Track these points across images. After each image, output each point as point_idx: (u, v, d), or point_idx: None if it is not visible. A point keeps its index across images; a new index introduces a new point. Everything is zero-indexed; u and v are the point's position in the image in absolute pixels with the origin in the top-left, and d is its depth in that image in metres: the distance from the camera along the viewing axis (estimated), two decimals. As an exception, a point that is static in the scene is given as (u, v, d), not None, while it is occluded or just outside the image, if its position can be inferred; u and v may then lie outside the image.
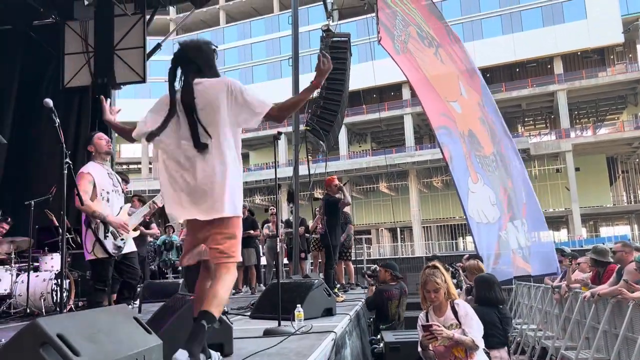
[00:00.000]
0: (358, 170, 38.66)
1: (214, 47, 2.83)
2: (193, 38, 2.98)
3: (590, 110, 42.68)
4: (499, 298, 4.76)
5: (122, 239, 3.98)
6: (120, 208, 4.06)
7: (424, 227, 40.17)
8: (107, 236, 3.83)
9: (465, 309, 3.50)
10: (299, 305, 3.90)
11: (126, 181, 5.54)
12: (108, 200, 3.95)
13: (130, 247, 4.09)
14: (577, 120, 42.81)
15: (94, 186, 3.88)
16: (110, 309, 2.69)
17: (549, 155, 37.28)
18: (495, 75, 41.32)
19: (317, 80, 2.71)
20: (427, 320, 3.57)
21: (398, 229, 42.37)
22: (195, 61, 2.72)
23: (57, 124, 3.17)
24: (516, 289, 11.87)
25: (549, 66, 39.48)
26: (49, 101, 3.20)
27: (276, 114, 2.68)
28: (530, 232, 9.54)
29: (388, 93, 42.60)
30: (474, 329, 3.38)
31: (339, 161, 39.96)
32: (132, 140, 2.87)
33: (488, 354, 3.59)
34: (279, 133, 3.98)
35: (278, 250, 4.77)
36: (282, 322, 3.89)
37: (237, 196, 2.62)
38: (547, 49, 37.35)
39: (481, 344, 3.38)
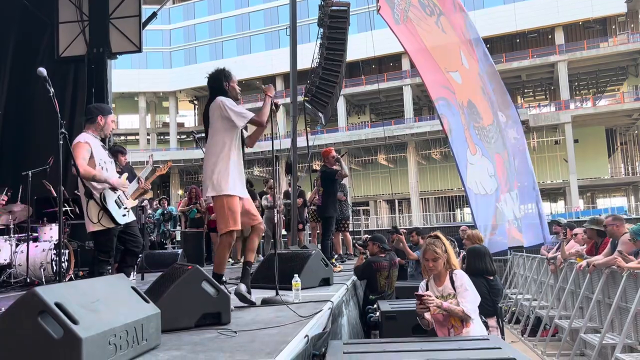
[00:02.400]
0: (357, 142, 38.53)
1: (228, 72, 3.91)
2: (216, 69, 3.98)
3: (591, 82, 42.37)
4: (489, 269, 4.83)
5: (125, 208, 4.01)
6: (119, 177, 4.07)
7: (422, 198, 40.30)
8: (111, 206, 3.85)
9: (461, 279, 3.53)
10: (296, 275, 3.94)
11: (122, 152, 5.53)
12: (107, 170, 3.96)
13: (132, 216, 4.12)
14: (577, 92, 42.54)
15: (92, 155, 3.87)
16: (108, 278, 2.72)
17: (548, 127, 37.15)
18: (495, 45, 40.82)
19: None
20: (427, 289, 3.62)
21: (396, 201, 42.52)
22: (212, 88, 3.88)
23: (51, 94, 3.14)
24: (512, 259, 11.99)
25: (550, 37, 39.01)
26: (43, 70, 3.16)
27: (257, 122, 3.81)
28: (523, 203, 9.60)
29: (387, 64, 42.14)
30: (466, 300, 3.42)
31: (337, 133, 39.83)
32: None
33: (486, 324, 3.64)
34: (277, 105, 3.95)
35: (275, 221, 4.77)
36: (280, 292, 3.93)
37: (222, 181, 3.66)
38: (548, 19, 36.82)
39: (473, 314, 3.42)
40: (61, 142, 3.18)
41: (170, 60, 47.69)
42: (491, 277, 4.92)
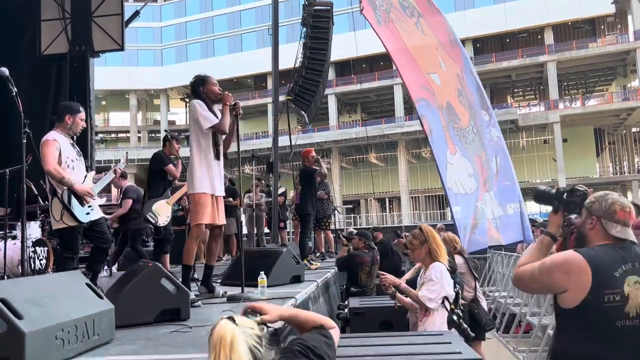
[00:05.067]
0: (347, 141, 38.62)
1: (203, 77, 4.22)
2: (195, 76, 4.30)
3: (580, 82, 42.68)
4: (453, 267, 4.96)
5: (89, 206, 4.06)
6: (85, 176, 4.11)
7: (412, 197, 40.47)
8: (74, 204, 3.90)
9: (432, 270, 3.68)
10: (262, 272, 4.02)
11: (177, 140, 6.21)
12: (73, 169, 4.00)
13: (98, 213, 4.17)
14: (566, 92, 42.83)
15: (60, 153, 3.92)
16: (61, 275, 2.78)
17: (537, 126, 37.41)
18: (485, 45, 41.05)
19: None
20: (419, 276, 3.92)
21: (387, 199, 42.69)
22: (192, 93, 4.24)
23: (14, 93, 3.19)
24: (491, 257, 12.14)
25: (539, 37, 39.25)
26: (5, 70, 3.22)
27: (218, 129, 4.00)
28: (504, 203, 9.71)
29: (378, 63, 42.24)
30: (425, 287, 3.61)
31: (328, 131, 39.89)
32: None
33: (458, 315, 3.74)
34: (239, 111, 4.09)
35: (242, 220, 4.87)
36: (247, 289, 4.02)
37: (196, 179, 3.93)
38: (538, 19, 37.05)
39: (430, 303, 3.57)
40: (24, 141, 3.23)
41: (161, 58, 47.56)
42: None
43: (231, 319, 1.24)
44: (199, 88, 4.11)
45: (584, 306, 1.99)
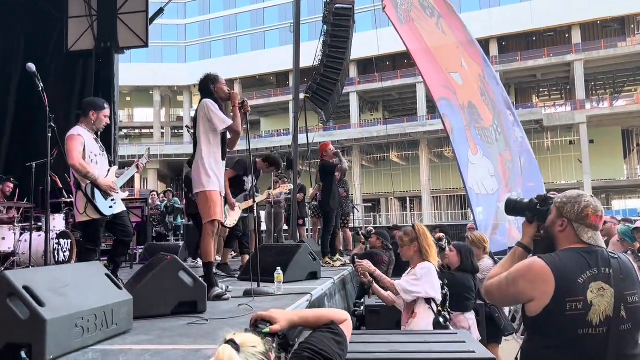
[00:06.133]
0: (369, 139, 38.53)
1: (214, 76, 4.18)
2: (204, 74, 4.27)
3: (608, 82, 41.81)
4: (476, 267, 4.94)
5: (112, 200, 4.16)
6: (108, 170, 4.21)
7: (433, 197, 40.19)
8: (97, 197, 4.00)
9: (418, 267, 3.60)
10: (278, 268, 4.06)
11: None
12: (96, 163, 4.10)
13: (120, 207, 4.26)
14: (594, 92, 42.01)
15: (84, 148, 4.02)
16: (82, 265, 2.86)
17: (563, 126, 36.79)
18: (510, 43, 40.49)
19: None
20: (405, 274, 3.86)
21: (407, 199, 42.46)
22: (200, 91, 4.19)
23: (40, 88, 3.28)
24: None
25: (566, 35, 38.57)
26: (32, 66, 3.31)
27: (233, 130, 4.06)
28: (525, 204, 9.58)
29: (402, 61, 41.99)
30: (403, 279, 3.63)
31: (349, 130, 39.85)
32: None
33: (445, 318, 3.70)
34: (243, 102, 4.17)
35: (255, 215, 4.93)
36: (263, 284, 4.06)
37: (204, 177, 3.95)
38: (565, 17, 36.39)
39: (403, 294, 3.56)
40: (49, 135, 3.32)
41: (185, 55, 48.10)
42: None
43: (232, 341, 1.24)
44: (210, 86, 4.11)
45: (546, 314, 1.91)
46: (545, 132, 37.50)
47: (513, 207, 2.33)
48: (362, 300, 5.27)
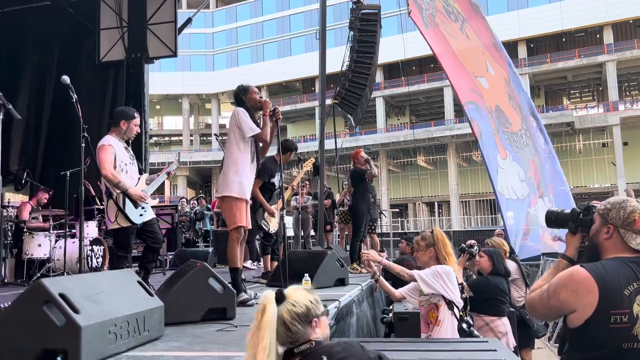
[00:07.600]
0: (395, 144, 38.34)
1: (245, 86, 4.32)
2: (237, 86, 4.40)
3: (642, 82, 40.73)
4: (508, 270, 4.89)
5: (142, 208, 4.24)
6: (139, 179, 4.30)
7: (462, 201, 39.68)
8: (127, 206, 4.08)
9: (436, 267, 3.53)
10: (306, 275, 4.07)
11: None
12: (127, 172, 4.19)
13: (150, 214, 4.34)
14: (627, 93, 40.93)
15: (115, 158, 4.11)
16: (114, 272, 2.92)
17: (595, 129, 35.93)
18: (540, 45, 39.80)
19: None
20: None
21: (436, 203, 42.04)
22: (235, 101, 4.29)
23: (74, 100, 3.37)
24: (544, 264, 11.75)
25: (597, 36, 37.70)
26: (66, 78, 3.41)
27: (261, 138, 4.15)
28: (558, 208, 9.40)
29: (428, 65, 41.71)
30: (424, 273, 3.51)
31: (375, 134, 39.72)
32: None
33: (468, 323, 3.63)
34: (275, 110, 4.20)
35: (284, 222, 4.93)
36: (291, 290, 4.07)
37: (233, 184, 4.04)
38: (596, 17, 35.59)
39: (422, 283, 3.45)
40: (83, 145, 3.40)
41: (213, 63, 48.75)
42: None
43: (280, 292, 1.43)
44: (241, 96, 4.25)
45: (589, 326, 1.82)
46: (576, 135, 36.69)
47: (554, 219, 2.25)
48: (391, 307, 5.23)
